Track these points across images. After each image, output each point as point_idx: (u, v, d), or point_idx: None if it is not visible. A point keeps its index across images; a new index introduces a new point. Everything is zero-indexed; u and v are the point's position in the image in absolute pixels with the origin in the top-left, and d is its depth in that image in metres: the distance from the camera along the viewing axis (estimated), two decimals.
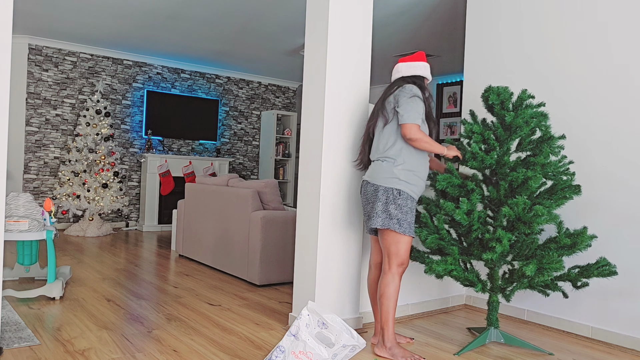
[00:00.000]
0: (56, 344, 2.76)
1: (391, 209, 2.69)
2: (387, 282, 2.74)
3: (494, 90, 2.98)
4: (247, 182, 4.75)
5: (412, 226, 2.73)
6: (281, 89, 9.26)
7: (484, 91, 3.06)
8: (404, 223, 2.69)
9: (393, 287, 2.73)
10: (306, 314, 2.20)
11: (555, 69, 3.59)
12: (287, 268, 4.41)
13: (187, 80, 8.18)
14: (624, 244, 3.20)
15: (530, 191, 2.79)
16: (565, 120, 3.52)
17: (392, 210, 2.68)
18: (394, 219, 2.69)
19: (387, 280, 2.74)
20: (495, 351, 2.98)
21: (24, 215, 3.58)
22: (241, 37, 6.36)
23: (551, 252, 2.79)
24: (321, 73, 3.10)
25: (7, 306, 3.36)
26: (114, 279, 4.34)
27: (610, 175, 3.28)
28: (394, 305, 2.75)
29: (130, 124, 7.70)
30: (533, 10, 3.73)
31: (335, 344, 2.15)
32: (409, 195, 2.71)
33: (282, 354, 2.16)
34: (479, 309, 3.94)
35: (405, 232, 2.70)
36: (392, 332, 2.74)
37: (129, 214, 7.78)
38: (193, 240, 5.27)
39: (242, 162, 8.86)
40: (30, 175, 6.95)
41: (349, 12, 3.14)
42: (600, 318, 3.29)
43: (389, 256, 2.74)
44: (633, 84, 3.19)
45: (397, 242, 2.72)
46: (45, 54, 6.98)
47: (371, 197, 2.76)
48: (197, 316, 3.38)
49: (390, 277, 2.74)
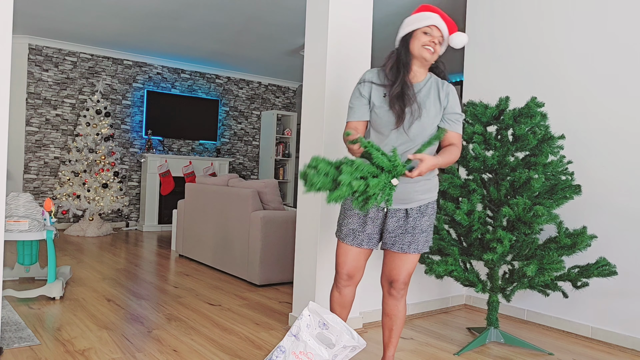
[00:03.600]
0: (56, 343, 2.76)
1: (431, 227, 2.33)
2: (404, 305, 2.40)
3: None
4: (247, 182, 4.75)
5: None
6: (281, 89, 9.26)
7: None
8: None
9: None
10: (307, 315, 2.20)
11: (554, 69, 3.59)
12: (287, 268, 4.41)
13: (187, 80, 8.18)
14: (623, 244, 3.20)
15: (531, 191, 2.80)
16: (564, 120, 3.52)
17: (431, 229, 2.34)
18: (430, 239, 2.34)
19: (404, 304, 2.40)
20: (495, 351, 2.98)
21: (24, 215, 3.58)
22: (241, 37, 6.36)
23: (551, 252, 2.79)
24: (321, 73, 3.10)
25: (7, 306, 3.36)
26: (114, 279, 4.34)
27: (609, 175, 3.28)
28: None
29: (131, 124, 7.70)
30: (532, 11, 3.73)
31: (335, 344, 2.15)
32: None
33: (283, 354, 2.16)
34: (479, 309, 3.94)
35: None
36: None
37: (129, 214, 7.78)
38: (193, 240, 5.27)
39: (242, 162, 8.86)
40: (31, 175, 6.94)
41: (348, 12, 3.14)
42: (600, 318, 3.29)
43: (408, 278, 2.34)
44: (632, 84, 3.19)
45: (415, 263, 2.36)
46: (45, 54, 6.98)
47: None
48: (197, 316, 3.38)
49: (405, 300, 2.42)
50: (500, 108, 3.01)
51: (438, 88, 2.25)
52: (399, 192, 2.20)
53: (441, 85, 2.25)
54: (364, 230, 2.27)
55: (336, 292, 2.39)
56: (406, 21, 2.24)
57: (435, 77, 2.28)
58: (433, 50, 2.18)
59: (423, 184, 2.24)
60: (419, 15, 2.21)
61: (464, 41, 2.22)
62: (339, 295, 2.38)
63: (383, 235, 2.29)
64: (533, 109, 2.90)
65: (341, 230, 2.31)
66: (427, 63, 2.23)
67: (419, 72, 2.24)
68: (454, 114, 2.24)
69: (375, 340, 3.05)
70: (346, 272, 2.33)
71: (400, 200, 2.22)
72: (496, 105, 3.03)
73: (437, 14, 2.21)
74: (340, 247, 2.33)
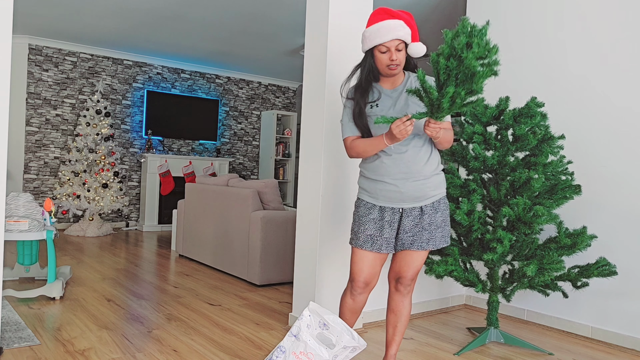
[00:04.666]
0: (56, 343, 2.76)
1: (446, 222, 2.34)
2: (410, 302, 2.41)
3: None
4: (247, 182, 4.75)
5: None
6: (281, 89, 9.26)
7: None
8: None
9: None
10: (307, 315, 2.20)
11: (554, 69, 3.59)
12: (287, 268, 4.41)
13: (187, 80, 8.18)
14: (623, 244, 3.20)
15: (531, 191, 2.80)
16: (564, 120, 3.52)
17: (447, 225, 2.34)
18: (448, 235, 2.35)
19: (410, 300, 2.41)
20: (495, 351, 2.98)
21: (24, 215, 3.58)
22: (241, 37, 6.36)
23: (551, 252, 2.79)
24: (321, 73, 3.10)
25: (7, 306, 3.36)
26: (114, 279, 4.34)
27: (609, 175, 3.28)
28: None
29: (131, 124, 7.70)
30: (532, 10, 3.73)
31: (336, 345, 2.15)
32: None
33: (283, 354, 2.16)
34: (479, 309, 3.94)
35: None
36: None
37: (129, 214, 7.78)
38: (193, 240, 5.27)
39: (242, 162, 8.86)
40: (31, 175, 6.94)
41: (349, 12, 3.14)
42: (600, 318, 3.29)
43: (416, 275, 2.35)
44: (633, 84, 3.19)
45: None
46: (45, 54, 6.98)
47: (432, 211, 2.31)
48: (197, 316, 3.38)
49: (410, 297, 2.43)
50: (500, 108, 3.01)
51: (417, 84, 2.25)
52: (413, 190, 2.21)
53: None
54: (381, 234, 2.24)
55: (349, 300, 2.35)
56: (364, 34, 2.18)
57: (414, 75, 2.28)
58: (395, 66, 2.15)
59: (433, 179, 2.25)
60: (373, 29, 2.13)
61: (421, 52, 2.19)
62: (352, 302, 2.35)
63: (399, 236, 2.27)
64: (533, 109, 2.90)
65: (358, 237, 2.27)
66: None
67: (395, 78, 2.25)
68: None
69: (375, 341, 3.05)
70: (363, 280, 2.30)
71: (414, 199, 2.22)
72: (496, 105, 3.03)
73: (390, 17, 2.14)
74: (357, 254, 2.29)
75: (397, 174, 2.20)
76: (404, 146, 2.20)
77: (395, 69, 2.16)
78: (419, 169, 2.20)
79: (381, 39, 2.10)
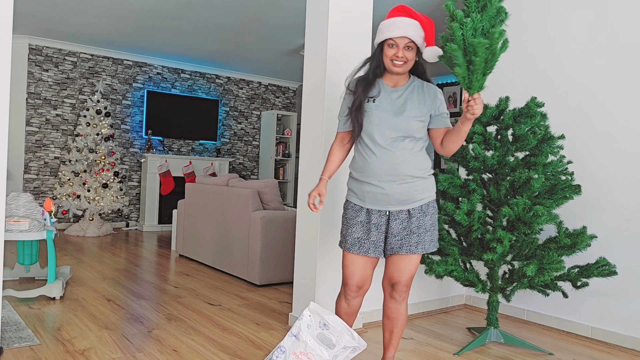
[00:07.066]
0: (56, 343, 2.76)
1: (434, 225, 2.31)
2: (406, 308, 2.37)
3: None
4: (247, 182, 4.75)
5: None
6: (281, 89, 9.26)
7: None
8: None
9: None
10: (308, 315, 2.20)
11: (554, 69, 3.59)
12: (287, 268, 4.41)
13: (187, 80, 8.18)
14: (623, 244, 3.20)
15: (531, 191, 2.80)
16: (564, 120, 3.52)
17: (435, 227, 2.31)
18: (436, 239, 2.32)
19: (406, 306, 2.37)
20: (495, 351, 2.98)
21: (24, 215, 3.58)
22: (241, 37, 6.36)
23: (551, 252, 2.79)
24: (321, 73, 3.10)
25: (8, 306, 3.36)
26: (114, 279, 4.34)
27: (609, 176, 3.28)
28: None
29: (131, 124, 7.70)
30: (532, 10, 3.73)
31: (336, 345, 2.15)
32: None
33: (283, 354, 2.16)
34: (479, 309, 3.94)
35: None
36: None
37: (129, 214, 7.78)
38: (193, 240, 5.28)
39: (242, 162, 8.86)
40: (31, 175, 6.95)
41: (348, 12, 3.14)
42: (600, 318, 3.29)
43: (410, 280, 2.31)
44: (633, 84, 3.19)
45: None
46: (45, 54, 6.98)
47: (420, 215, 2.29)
48: (197, 316, 3.38)
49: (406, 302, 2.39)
50: (500, 108, 3.01)
51: (424, 91, 2.24)
52: (400, 193, 2.19)
53: (426, 89, 2.25)
54: (368, 237, 2.23)
55: (344, 304, 2.34)
56: (379, 27, 2.20)
57: (419, 81, 2.27)
58: (401, 64, 2.15)
59: (421, 182, 2.23)
60: (387, 22, 2.16)
61: (435, 54, 2.15)
62: (347, 306, 2.34)
63: (388, 240, 2.25)
64: (533, 109, 2.90)
65: (346, 240, 2.27)
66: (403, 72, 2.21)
67: (399, 78, 2.24)
68: (444, 113, 2.26)
69: (375, 341, 3.05)
70: (355, 284, 2.29)
71: (401, 202, 2.21)
72: (496, 105, 3.03)
73: (407, 16, 2.15)
74: (347, 258, 2.28)
75: (383, 175, 2.18)
76: (393, 146, 2.18)
77: (399, 66, 2.15)
78: (406, 171, 2.18)
79: (391, 33, 2.13)
